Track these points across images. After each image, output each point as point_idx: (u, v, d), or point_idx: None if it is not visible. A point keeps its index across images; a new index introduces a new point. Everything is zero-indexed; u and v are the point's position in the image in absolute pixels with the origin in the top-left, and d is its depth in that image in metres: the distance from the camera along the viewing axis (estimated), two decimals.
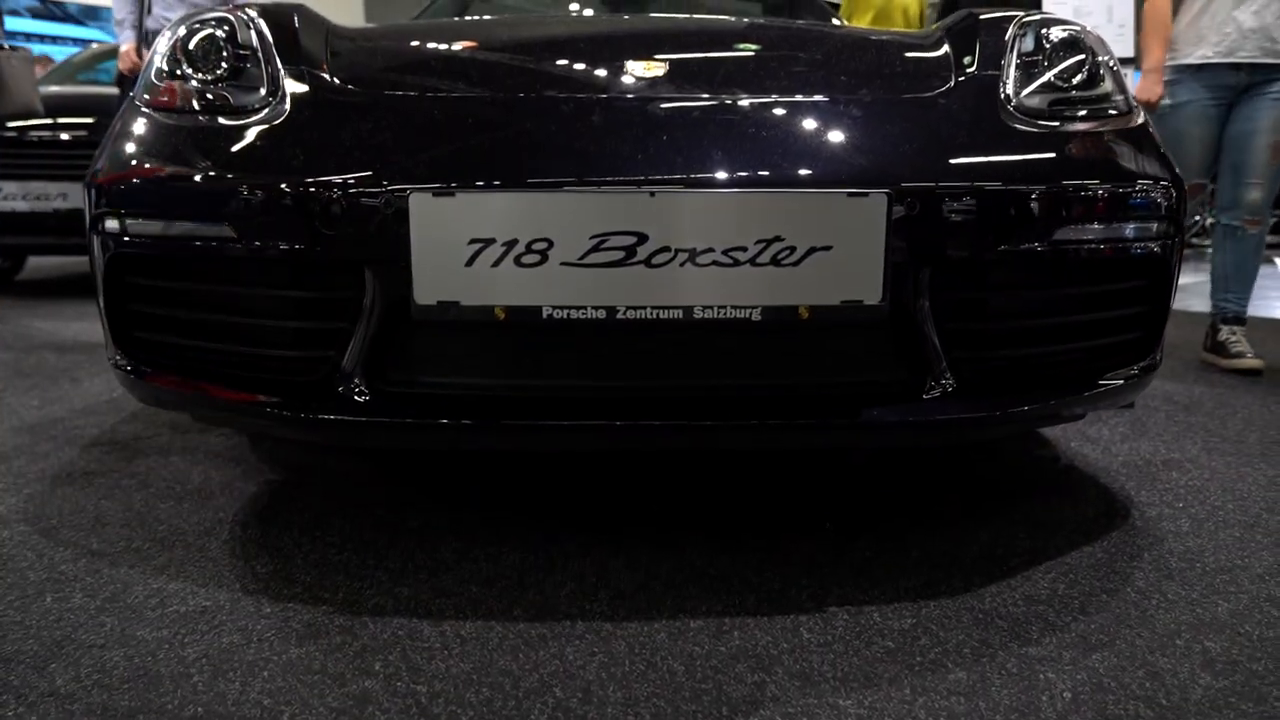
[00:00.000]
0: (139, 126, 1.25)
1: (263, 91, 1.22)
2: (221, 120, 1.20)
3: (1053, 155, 1.15)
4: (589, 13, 3.16)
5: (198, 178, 1.10)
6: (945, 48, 1.40)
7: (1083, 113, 1.28)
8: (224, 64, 1.29)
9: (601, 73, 1.20)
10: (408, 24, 1.86)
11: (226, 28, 1.35)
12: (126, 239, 1.17)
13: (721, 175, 0.96)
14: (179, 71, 1.30)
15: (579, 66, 1.25)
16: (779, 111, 1.07)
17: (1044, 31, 1.39)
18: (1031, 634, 1.01)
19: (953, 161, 1.06)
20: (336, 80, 1.21)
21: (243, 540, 1.27)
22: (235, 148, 1.13)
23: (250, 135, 1.13)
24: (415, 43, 1.52)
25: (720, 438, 1.10)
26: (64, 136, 3.94)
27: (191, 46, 1.32)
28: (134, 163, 1.20)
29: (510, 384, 1.06)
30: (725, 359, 1.04)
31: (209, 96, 1.25)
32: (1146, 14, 2.49)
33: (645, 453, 1.53)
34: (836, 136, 1.05)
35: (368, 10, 10.07)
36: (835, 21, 2.83)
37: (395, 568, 1.18)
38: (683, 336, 1.00)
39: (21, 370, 2.45)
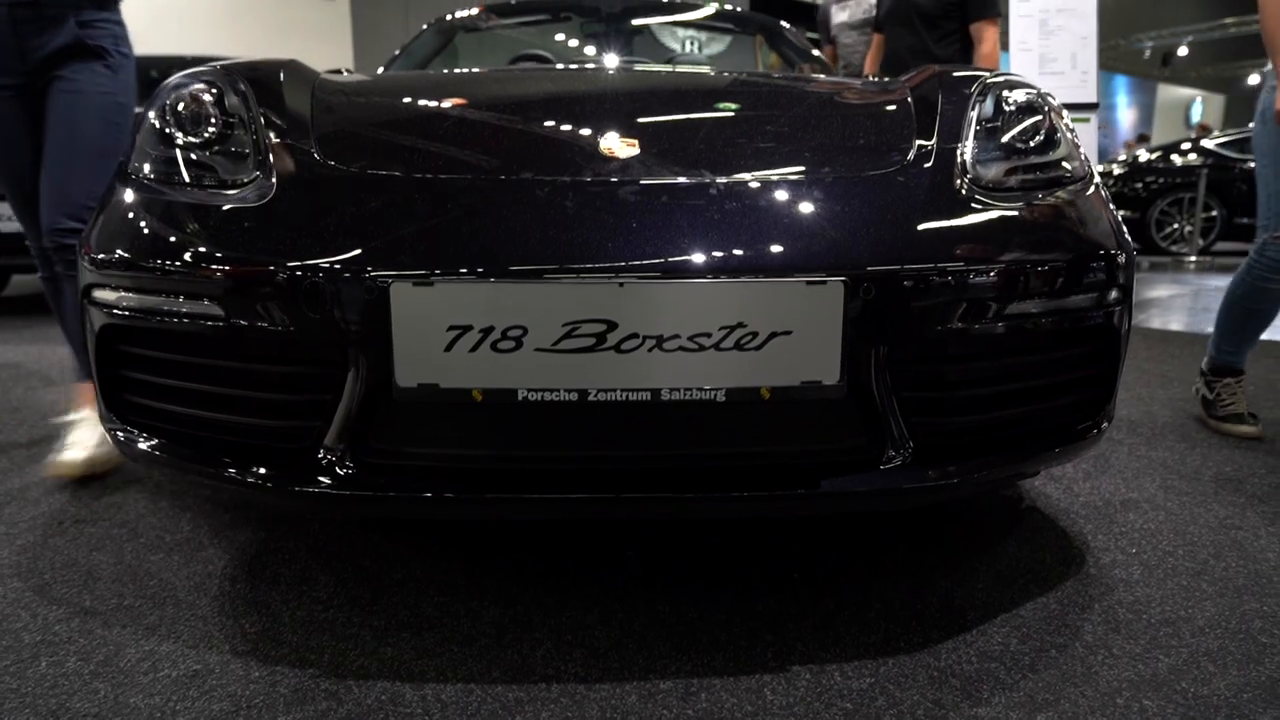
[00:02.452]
0: (130, 196, 1.29)
1: (249, 164, 1.26)
2: (209, 192, 1.24)
3: (1009, 233, 1.21)
4: (573, 42, 3.21)
5: (186, 255, 1.14)
6: (908, 108, 1.46)
7: (1039, 182, 1.34)
8: (211, 128, 1.34)
9: (574, 152, 1.25)
10: (392, 79, 1.90)
11: (214, 90, 1.39)
12: (116, 310, 1.21)
13: (687, 265, 1.01)
14: (167, 132, 1.34)
15: (553, 144, 1.30)
16: (743, 198, 1.13)
17: (1004, 95, 1.45)
18: (982, 693, 1.07)
19: (910, 245, 1.11)
20: (319, 154, 1.25)
21: (231, 596, 1.31)
22: (222, 226, 1.17)
23: (236, 214, 1.17)
24: (399, 104, 1.57)
25: (690, 509, 1.15)
26: None
27: (180, 110, 1.36)
28: (124, 234, 1.24)
29: (489, 455, 1.11)
30: (692, 434, 1.10)
31: (197, 165, 1.29)
32: (1264, 6, 2.04)
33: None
34: (797, 223, 1.10)
35: (356, 24, 10.05)
36: (812, 48, 2.90)
37: (380, 625, 1.22)
38: (652, 415, 1.05)
39: (9, 404, 2.47)
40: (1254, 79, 22.84)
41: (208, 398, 1.19)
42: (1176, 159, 8.54)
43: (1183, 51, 20.89)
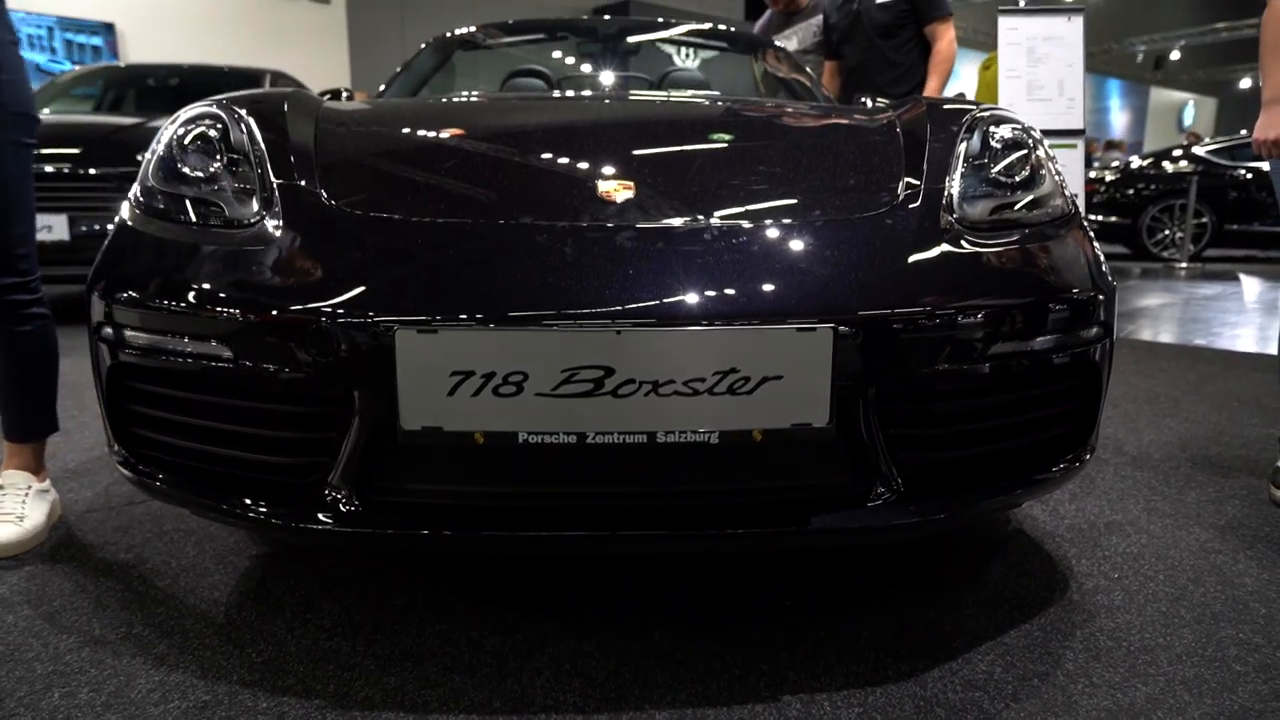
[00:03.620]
0: (136, 235, 1.33)
1: (254, 204, 1.30)
2: (215, 232, 1.28)
3: (995, 274, 1.25)
4: (569, 59, 3.24)
5: (193, 297, 1.18)
6: (897, 143, 1.50)
7: (1025, 220, 1.38)
8: (217, 165, 1.37)
9: (572, 196, 1.28)
10: (392, 109, 1.93)
11: (219, 126, 1.42)
12: (125, 349, 1.24)
13: (682, 313, 1.05)
14: (174, 167, 1.38)
15: (552, 186, 1.33)
16: (735, 244, 1.16)
17: (991, 130, 1.49)
18: None
19: (897, 289, 1.15)
20: (325, 195, 1.29)
21: (238, 624, 1.34)
22: (229, 268, 1.20)
23: (244, 256, 1.21)
24: (401, 140, 1.60)
25: (683, 545, 1.19)
26: (48, 168, 3.97)
27: (186, 147, 1.39)
28: (131, 274, 1.27)
29: (489, 493, 1.15)
30: (686, 474, 1.13)
31: (203, 202, 1.33)
32: (1268, 22, 1.83)
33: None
34: (787, 269, 1.14)
35: (351, 28, 10.06)
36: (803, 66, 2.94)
37: (383, 654, 1.26)
38: (647, 456, 1.09)
39: None
40: (1245, 83, 22.98)
41: (215, 434, 1.22)
42: (1168, 166, 8.62)
43: (1175, 55, 21.03)
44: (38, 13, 8.66)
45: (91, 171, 3.98)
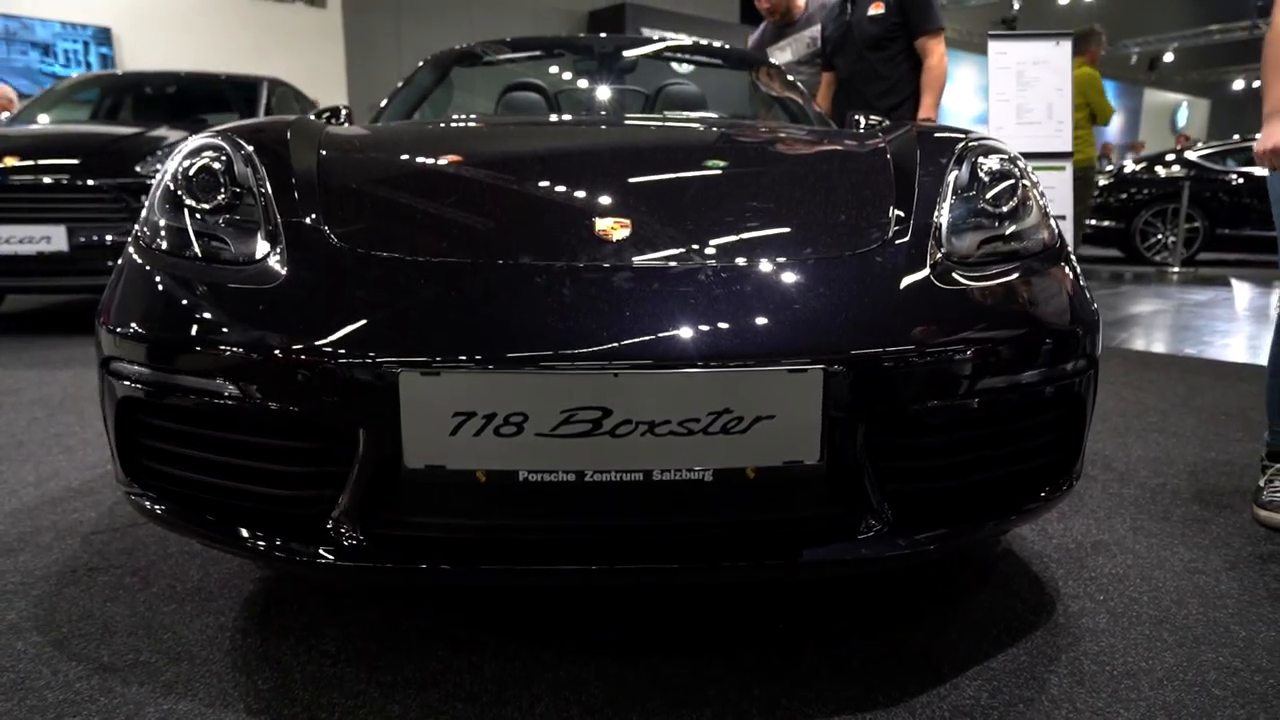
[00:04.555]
0: (143, 269, 1.35)
1: (259, 240, 1.33)
2: (221, 268, 1.30)
3: (983, 310, 1.28)
4: (566, 75, 3.27)
5: (199, 335, 1.21)
6: (887, 172, 1.53)
7: (1012, 253, 1.41)
8: (221, 197, 1.40)
9: (570, 234, 1.31)
10: (393, 137, 1.95)
11: (223, 159, 1.45)
12: (131, 384, 1.27)
13: (678, 355, 1.08)
14: (179, 204, 1.40)
15: (551, 224, 1.36)
16: (729, 285, 1.19)
17: (980, 161, 1.53)
18: None
19: (886, 328, 1.18)
20: (328, 231, 1.32)
21: (243, 650, 1.37)
22: (235, 306, 1.23)
23: (250, 294, 1.23)
24: (403, 171, 1.63)
25: (679, 578, 1.23)
26: (46, 179, 3.99)
27: (190, 181, 1.42)
28: (138, 309, 1.30)
29: (489, 526, 1.18)
30: (681, 508, 1.16)
31: (208, 237, 1.36)
32: (1271, 41, 1.86)
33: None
34: (779, 310, 1.17)
35: (348, 32, 10.05)
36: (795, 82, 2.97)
37: (386, 681, 1.29)
38: (643, 492, 1.12)
39: (14, 436, 2.52)
40: (1239, 84, 23.10)
41: (221, 468, 1.25)
42: (1160, 170, 8.68)
43: (1169, 57, 21.13)
44: (75, 23, 8.67)
45: (90, 182, 4.00)
